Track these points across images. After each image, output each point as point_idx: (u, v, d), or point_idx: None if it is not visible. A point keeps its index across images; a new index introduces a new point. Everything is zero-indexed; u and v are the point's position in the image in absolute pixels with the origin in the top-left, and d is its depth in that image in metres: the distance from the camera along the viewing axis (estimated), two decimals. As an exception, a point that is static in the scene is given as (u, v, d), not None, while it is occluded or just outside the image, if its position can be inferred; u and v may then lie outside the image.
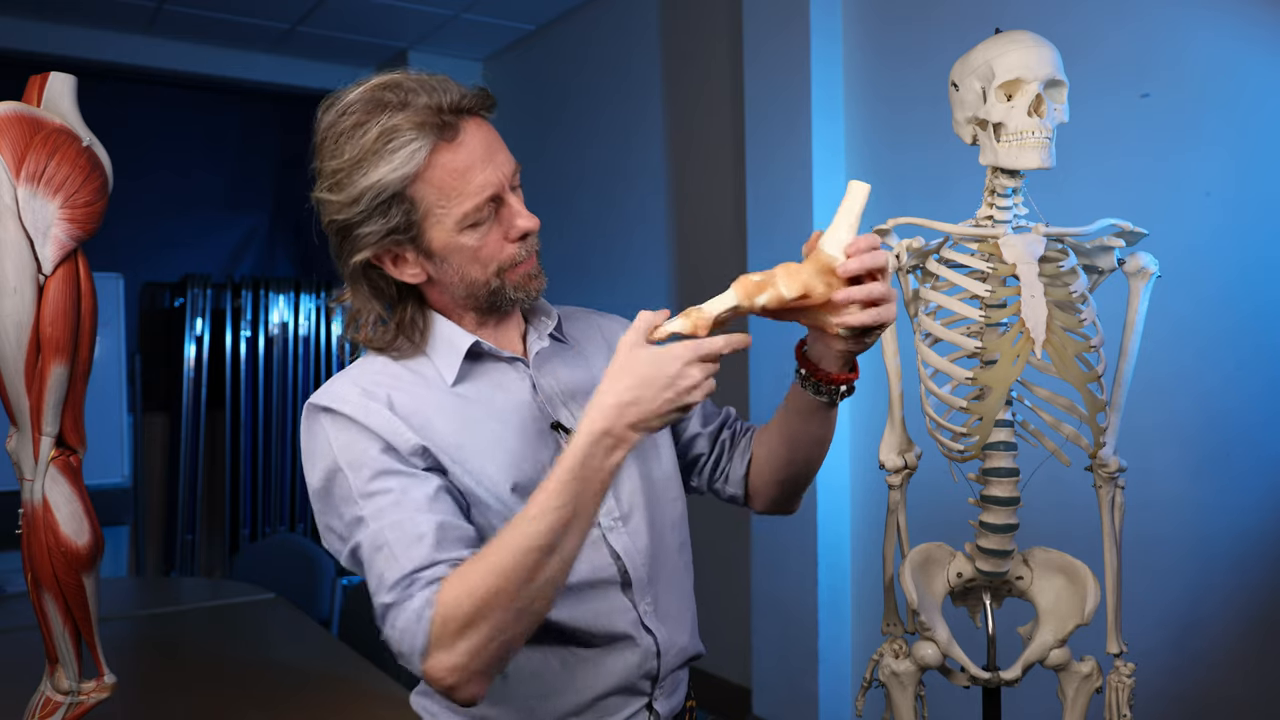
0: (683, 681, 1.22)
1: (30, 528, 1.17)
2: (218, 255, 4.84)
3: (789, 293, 0.96)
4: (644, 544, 1.13)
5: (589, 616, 1.08)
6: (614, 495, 1.12)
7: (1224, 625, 2.05)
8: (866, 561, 2.83)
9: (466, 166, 1.02)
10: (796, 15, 2.84)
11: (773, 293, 0.96)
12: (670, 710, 1.18)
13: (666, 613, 1.15)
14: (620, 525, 1.12)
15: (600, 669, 1.10)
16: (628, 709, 1.12)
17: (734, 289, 0.97)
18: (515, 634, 0.92)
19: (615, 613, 1.10)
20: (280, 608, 2.45)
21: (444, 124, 1.01)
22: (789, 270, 0.98)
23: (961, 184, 2.36)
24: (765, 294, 0.96)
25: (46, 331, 1.14)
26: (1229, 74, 2.03)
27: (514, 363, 1.13)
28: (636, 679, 1.12)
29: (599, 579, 1.09)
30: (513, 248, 1.06)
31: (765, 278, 0.97)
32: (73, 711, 1.23)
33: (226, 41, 4.56)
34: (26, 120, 1.12)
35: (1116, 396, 1.47)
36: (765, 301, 0.96)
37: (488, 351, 1.11)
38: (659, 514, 1.16)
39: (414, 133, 1.00)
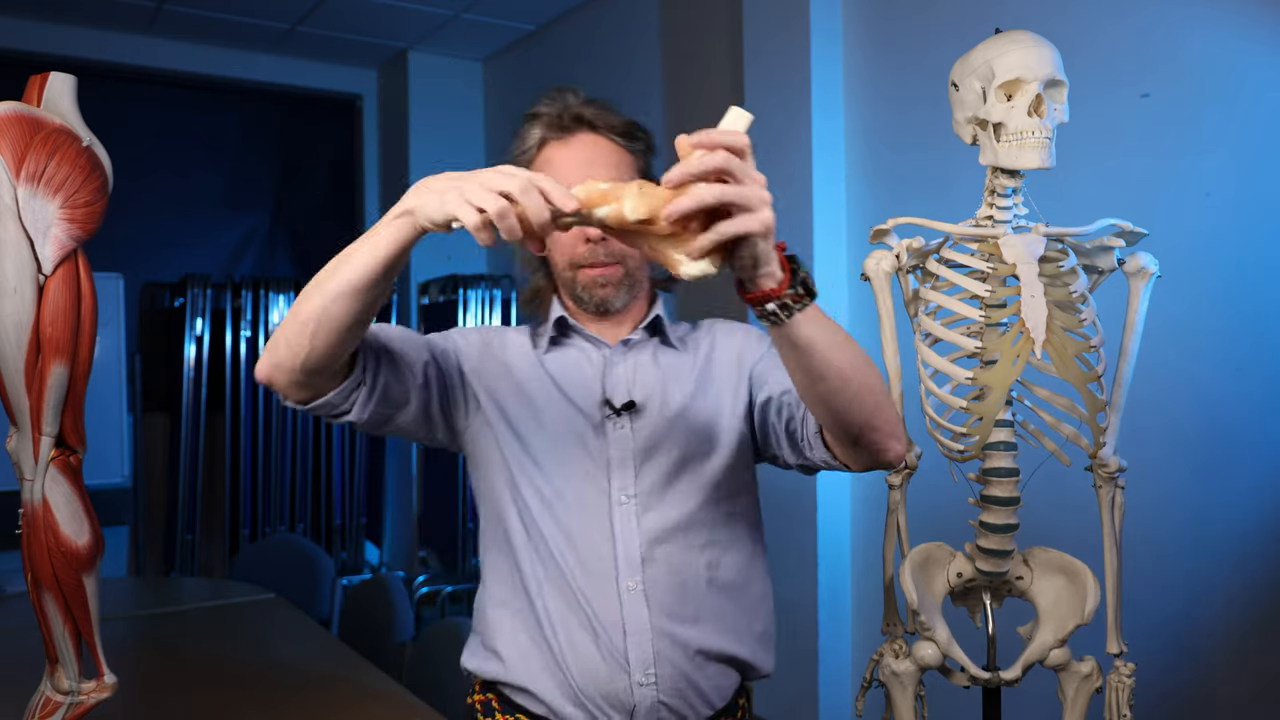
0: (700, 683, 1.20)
1: (30, 528, 1.17)
2: (218, 255, 4.83)
3: (632, 214, 0.83)
4: (652, 526, 1.19)
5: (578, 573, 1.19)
6: (634, 474, 1.20)
7: (1224, 625, 2.05)
8: (866, 561, 2.83)
9: (559, 165, 1.21)
10: (796, 15, 2.84)
11: (615, 209, 0.84)
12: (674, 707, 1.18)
13: (664, 599, 1.18)
14: (631, 502, 1.19)
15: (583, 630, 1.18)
16: (609, 684, 1.17)
17: (575, 190, 0.86)
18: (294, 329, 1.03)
19: (599, 580, 1.18)
20: (280, 608, 2.45)
21: (562, 126, 1.23)
22: (643, 190, 0.84)
23: (961, 184, 2.36)
24: (608, 207, 0.84)
25: (46, 331, 1.14)
26: (1229, 73, 2.03)
27: (599, 344, 1.27)
28: (613, 653, 1.16)
29: (590, 544, 1.19)
30: (584, 248, 1.22)
31: (613, 189, 0.85)
32: (73, 711, 1.23)
33: (226, 41, 4.56)
34: (26, 120, 1.12)
35: (1116, 396, 1.47)
36: (605, 215, 0.85)
37: (573, 328, 1.28)
38: (686, 504, 1.21)
39: (538, 127, 1.25)
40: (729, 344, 1.29)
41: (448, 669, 1.95)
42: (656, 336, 1.29)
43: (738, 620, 1.24)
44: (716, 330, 1.33)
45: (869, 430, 1.02)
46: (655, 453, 1.21)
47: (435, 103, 4.76)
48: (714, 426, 1.24)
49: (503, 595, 1.24)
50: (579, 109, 1.24)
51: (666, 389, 1.24)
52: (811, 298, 0.92)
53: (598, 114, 1.24)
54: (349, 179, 5.22)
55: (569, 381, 1.24)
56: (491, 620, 1.25)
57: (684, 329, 1.32)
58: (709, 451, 1.23)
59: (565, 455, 1.21)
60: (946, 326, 1.45)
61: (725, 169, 0.81)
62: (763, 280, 0.87)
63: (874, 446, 1.04)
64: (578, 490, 1.20)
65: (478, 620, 1.28)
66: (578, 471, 1.20)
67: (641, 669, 1.17)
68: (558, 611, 1.19)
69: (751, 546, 1.29)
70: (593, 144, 1.23)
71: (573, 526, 1.19)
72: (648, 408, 1.22)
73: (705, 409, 1.24)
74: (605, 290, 1.24)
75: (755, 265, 0.86)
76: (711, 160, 0.80)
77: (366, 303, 0.99)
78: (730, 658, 1.24)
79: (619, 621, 1.17)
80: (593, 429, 1.21)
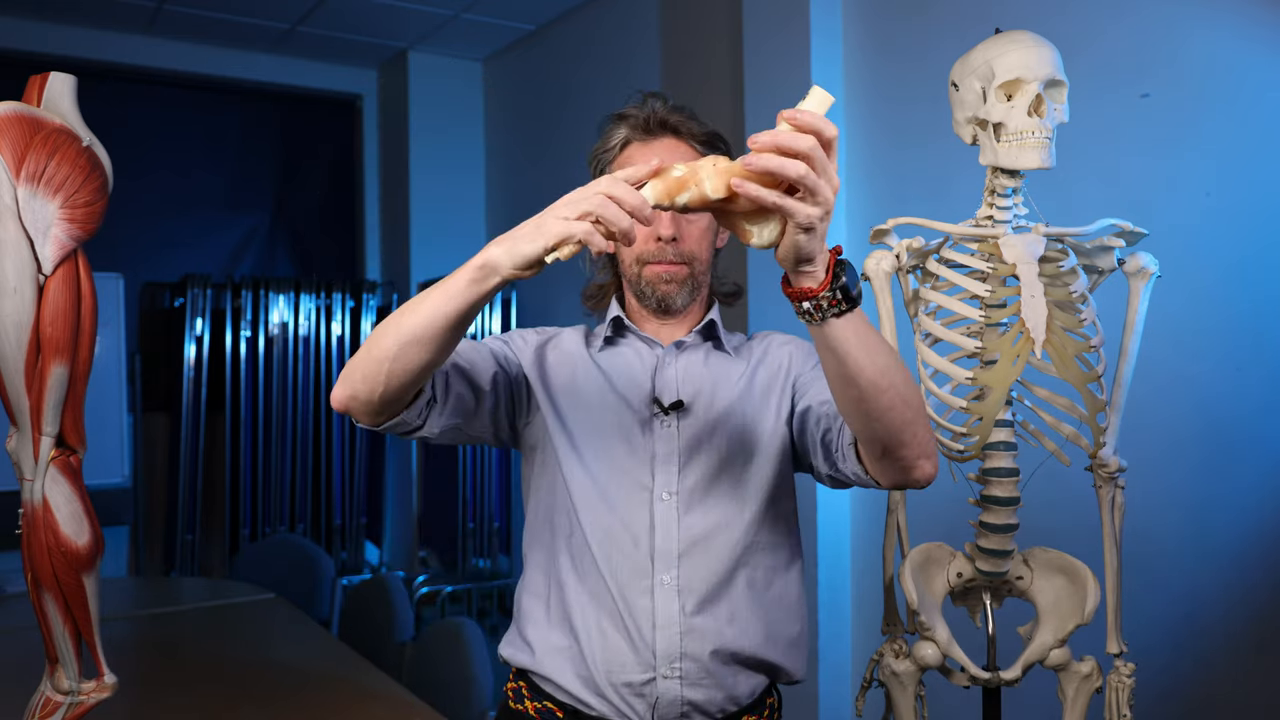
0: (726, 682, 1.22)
1: (30, 528, 1.17)
2: (218, 255, 4.83)
3: (713, 193, 0.85)
4: (693, 525, 1.22)
5: (613, 564, 1.22)
6: (678, 472, 1.23)
7: (1224, 625, 2.05)
8: (866, 561, 2.83)
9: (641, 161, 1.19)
10: (796, 15, 2.84)
11: (695, 191, 0.86)
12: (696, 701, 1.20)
13: (698, 597, 1.21)
14: (673, 499, 1.22)
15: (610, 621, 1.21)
16: (634, 674, 1.20)
17: (651, 187, 0.87)
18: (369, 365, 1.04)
19: (633, 573, 1.21)
20: (280, 608, 2.44)
21: (648, 129, 1.29)
22: (718, 167, 0.86)
23: (961, 184, 2.36)
24: (687, 193, 0.86)
25: (46, 331, 1.14)
26: (1229, 73, 2.03)
27: (652, 345, 1.30)
28: (640, 644, 1.19)
29: (629, 536, 1.22)
30: (654, 245, 1.26)
31: (689, 173, 0.86)
32: (73, 711, 1.23)
33: (226, 41, 4.56)
34: (26, 120, 1.12)
35: (1116, 396, 1.47)
36: (688, 200, 0.86)
37: (629, 327, 1.32)
38: (725, 506, 1.24)
39: (625, 128, 1.30)
40: (779, 353, 1.33)
41: (448, 669, 1.95)
42: (710, 341, 1.33)
43: (770, 624, 1.26)
44: (770, 341, 1.36)
45: (899, 445, 1.03)
46: (699, 452, 1.24)
47: (435, 103, 4.76)
48: (757, 431, 1.26)
49: (538, 586, 1.29)
50: (665, 115, 1.29)
51: (715, 391, 1.27)
52: (851, 305, 0.93)
53: (682, 121, 1.29)
54: (349, 179, 5.22)
55: (621, 378, 1.28)
56: (525, 609, 1.30)
57: (739, 339, 1.37)
58: (751, 455, 1.26)
59: (611, 450, 1.24)
60: (946, 326, 1.45)
61: (810, 156, 0.82)
62: (803, 278, 0.91)
63: (903, 463, 1.05)
64: (621, 484, 1.23)
65: (515, 610, 1.34)
66: (622, 466, 1.24)
67: (667, 662, 1.19)
68: (589, 602, 1.22)
69: (789, 552, 1.31)
70: (674, 148, 1.27)
71: (613, 519, 1.22)
72: (694, 408, 1.26)
73: (749, 413, 1.27)
74: (669, 287, 1.27)
75: (799, 260, 0.89)
76: (802, 141, 0.82)
77: (439, 349, 1.02)
78: (760, 660, 1.25)
79: (649, 613, 1.20)
80: (640, 425, 1.25)
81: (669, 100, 1.31)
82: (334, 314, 4.66)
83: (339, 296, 4.68)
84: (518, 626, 1.31)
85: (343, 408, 1.07)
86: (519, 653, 1.29)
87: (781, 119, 0.83)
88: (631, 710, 1.20)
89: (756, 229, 0.88)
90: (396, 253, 4.96)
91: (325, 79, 4.96)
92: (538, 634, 1.26)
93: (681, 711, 1.20)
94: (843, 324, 0.93)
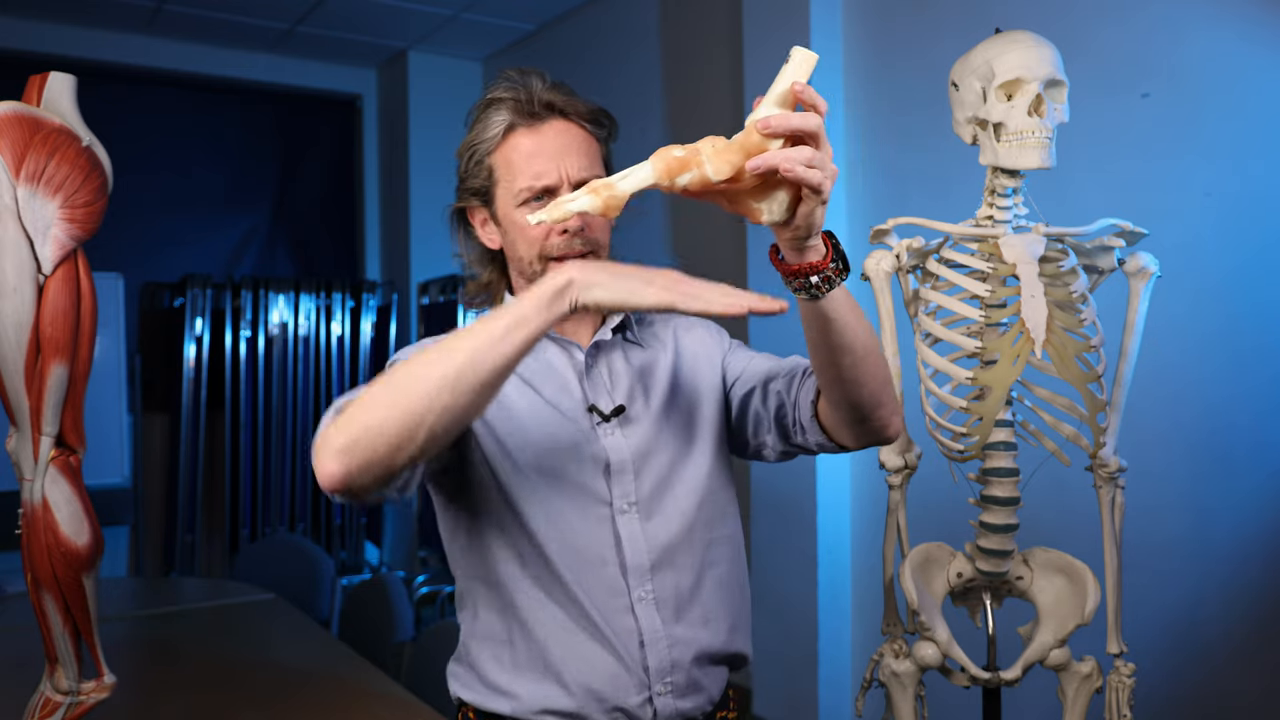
0: (706, 684, 1.19)
1: (30, 528, 1.17)
2: (218, 255, 4.84)
3: (716, 175, 0.84)
4: (657, 533, 1.16)
5: (585, 586, 1.13)
6: (634, 480, 1.16)
7: (1224, 625, 2.05)
8: (866, 561, 2.83)
9: (533, 153, 1.14)
10: (796, 15, 2.84)
11: (697, 174, 0.84)
12: (685, 711, 1.17)
13: (674, 605, 1.16)
14: (633, 510, 1.16)
15: (597, 646, 1.13)
16: (630, 697, 1.13)
17: (652, 164, 0.85)
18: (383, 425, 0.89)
19: (608, 592, 1.14)
20: (280, 608, 2.44)
21: (532, 113, 1.15)
22: (717, 148, 0.84)
23: (961, 184, 2.36)
24: (689, 174, 0.84)
25: (46, 331, 1.14)
26: (1229, 74, 2.03)
27: (568, 347, 1.20)
28: (631, 665, 1.13)
29: (596, 555, 1.14)
30: (557, 239, 1.14)
31: (690, 154, 0.84)
32: (73, 711, 1.23)
33: (226, 41, 4.56)
34: (26, 120, 1.11)
35: (1116, 396, 1.47)
36: (688, 182, 0.84)
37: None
38: (683, 507, 1.18)
39: (505, 111, 1.16)
40: (690, 339, 1.27)
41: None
42: (620, 334, 1.24)
43: (735, 614, 1.23)
44: (676, 325, 1.29)
45: (877, 406, 1.05)
46: (650, 456, 1.18)
47: (435, 103, 4.76)
48: (696, 424, 1.22)
49: (493, 630, 1.18)
50: (548, 95, 1.16)
51: (648, 390, 1.21)
52: (848, 272, 0.94)
53: (567, 100, 1.18)
54: (349, 179, 5.22)
55: (548, 388, 1.18)
56: (480, 656, 1.19)
57: (642, 324, 1.27)
58: (696, 450, 1.21)
59: (560, 467, 1.15)
60: (946, 326, 1.45)
61: (816, 134, 0.83)
62: (809, 253, 0.91)
63: (880, 422, 1.07)
64: (576, 501, 1.15)
65: (465, 653, 1.22)
66: (574, 482, 1.15)
67: (660, 678, 1.15)
68: (565, 633, 1.14)
69: (739, 539, 1.27)
70: (565, 131, 1.16)
71: (578, 541, 1.14)
72: (632, 410, 1.19)
73: (685, 408, 1.22)
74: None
75: (808, 234, 0.89)
76: (810, 121, 0.83)
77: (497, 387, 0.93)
78: (729, 654, 1.23)
79: (635, 632, 1.14)
80: (583, 437, 1.16)
81: (546, 77, 1.19)
82: (334, 314, 4.66)
83: (339, 296, 4.68)
84: (477, 672, 1.19)
85: (342, 485, 0.89)
86: (492, 700, 1.18)
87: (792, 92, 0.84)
88: None
89: (766, 205, 0.87)
90: (396, 253, 4.96)
91: (325, 79, 4.96)
92: (507, 678, 1.16)
93: None
94: (840, 293, 0.94)
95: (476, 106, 1.19)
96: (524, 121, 1.15)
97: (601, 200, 0.85)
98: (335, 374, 4.66)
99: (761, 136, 0.83)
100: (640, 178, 0.85)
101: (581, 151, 1.16)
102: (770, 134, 0.83)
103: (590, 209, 0.85)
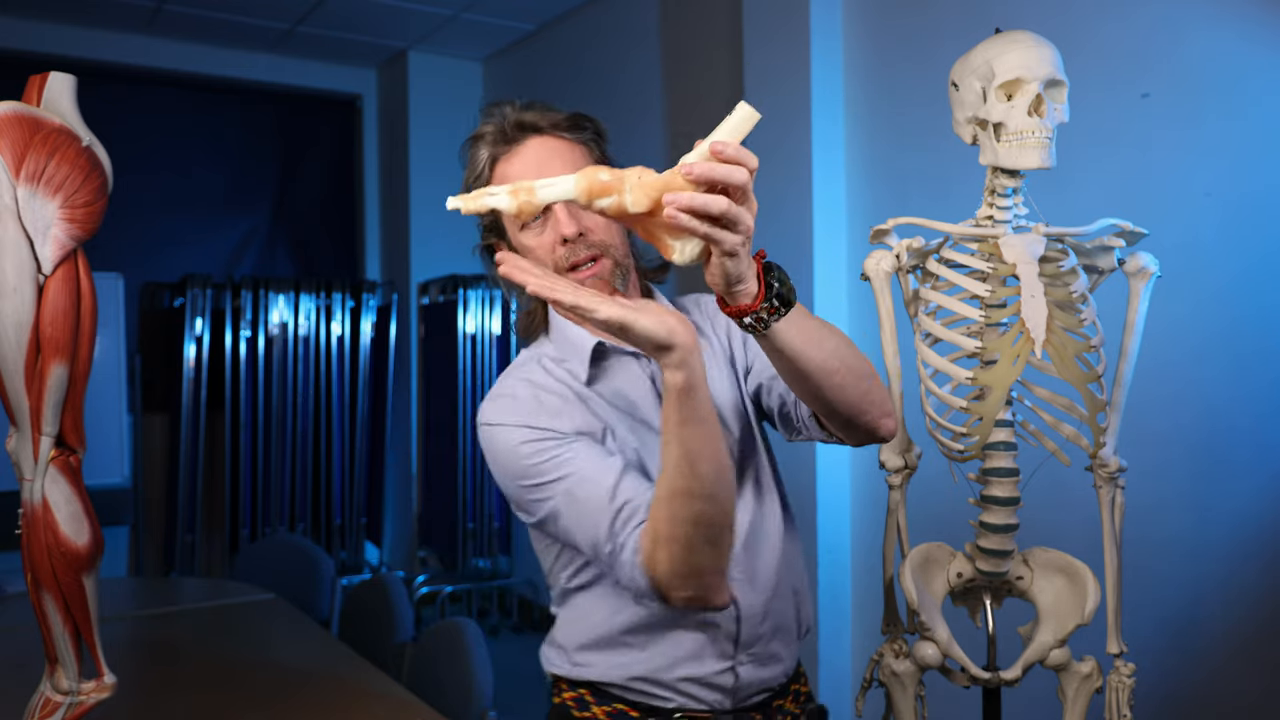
0: (783, 658, 1.26)
1: (30, 528, 1.17)
2: (218, 255, 4.84)
3: (633, 206, 0.85)
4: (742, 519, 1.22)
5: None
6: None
7: (1224, 625, 2.05)
8: (866, 561, 2.83)
9: (518, 175, 1.17)
10: (796, 14, 2.84)
11: (616, 200, 0.85)
12: (763, 681, 1.24)
13: (761, 581, 1.22)
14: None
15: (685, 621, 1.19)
16: (712, 666, 1.20)
17: (576, 180, 0.85)
18: (698, 538, 1.01)
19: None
20: (280, 608, 2.44)
21: (506, 139, 1.20)
22: (642, 179, 0.86)
23: (961, 184, 2.36)
24: (609, 199, 0.85)
25: (46, 331, 1.14)
26: (1229, 73, 2.03)
27: (637, 357, 1.24)
28: (719, 637, 1.20)
29: None
30: (562, 249, 1.17)
31: (615, 180, 0.85)
32: (73, 711, 1.23)
33: (226, 41, 4.56)
34: (26, 120, 1.11)
35: (1116, 396, 1.47)
36: (605, 206, 0.86)
37: (611, 349, 1.24)
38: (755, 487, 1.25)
39: (485, 146, 1.21)
40: (718, 324, 1.33)
41: (448, 669, 1.94)
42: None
43: (799, 590, 1.30)
44: (705, 306, 1.35)
45: (859, 414, 1.09)
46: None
47: (435, 103, 4.77)
48: (743, 405, 1.28)
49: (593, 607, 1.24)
50: (519, 116, 1.21)
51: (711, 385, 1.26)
52: (788, 308, 0.96)
53: (540, 115, 1.21)
54: (349, 179, 5.22)
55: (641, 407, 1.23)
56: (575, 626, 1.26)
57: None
58: (749, 429, 1.27)
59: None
60: (946, 326, 1.45)
61: (742, 187, 0.84)
62: (738, 296, 0.92)
63: (867, 427, 1.11)
64: None
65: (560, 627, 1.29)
66: None
67: (746, 649, 1.22)
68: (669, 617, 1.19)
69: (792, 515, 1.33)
70: (541, 146, 1.20)
71: None
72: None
73: (733, 392, 1.28)
74: (600, 286, 1.19)
75: (729, 282, 0.90)
76: (736, 175, 0.84)
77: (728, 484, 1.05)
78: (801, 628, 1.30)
79: (731, 613, 1.20)
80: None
81: (518, 102, 1.23)
82: (334, 314, 4.66)
83: (339, 296, 4.68)
84: (566, 645, 1.27)
85: (695, 603, 1.06)
86: (578, 669, 1.26)
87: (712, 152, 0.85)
88: (710, 700, 1.22)
89: (679, 245, 0.88)
90: (396, 253, 4.96)
91: (325, 79, 4.96)
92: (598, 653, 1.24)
93: (755, 691, 1.24)
94: (784, 326, 0.96)
95: (463, 147, 1.24)
96: (503, 150, 1.20)
97: (517, 202, 0.85)
98: (335, 374, 4.66)
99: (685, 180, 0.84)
100: (560, 190, 0.85)
101: (564, 160, 1.19)
102: (693, 180, 0.84)
103: (505, 208, 0.86)
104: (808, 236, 2.79)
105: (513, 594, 4.60)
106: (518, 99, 1.23)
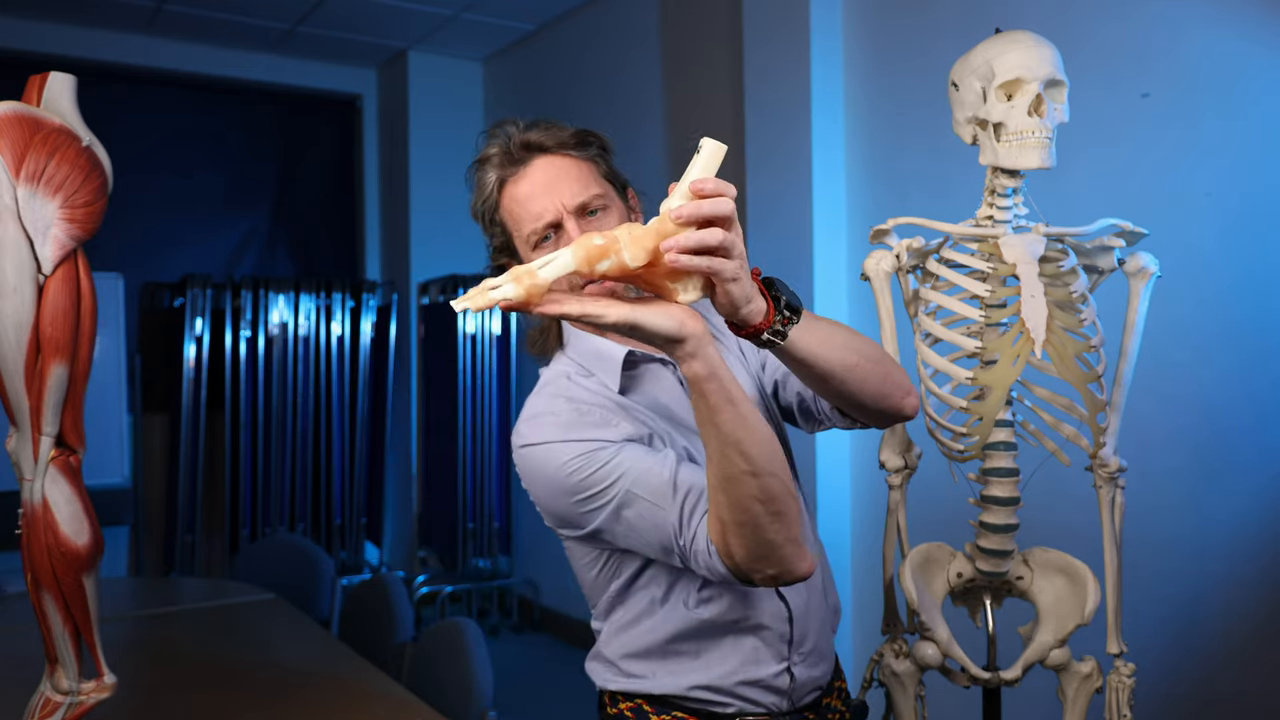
0: (826, 654, 1.28)
1: (30, 528, 1.17)
2: (218, 255, 4.84)
3: (633, 261, 0.87)
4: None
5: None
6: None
7: (1224, 625, 2.05)
8: (866, 561, 2.83)
9: (527, 196, 1.18)
10: (796, 14, 2.84)
11: (615, 260, 0.87)
12: (814, 680, 1.25)
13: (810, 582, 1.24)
14: None
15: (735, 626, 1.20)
16: (770, 669, 1.21)
17: (573, 251, 0.87)
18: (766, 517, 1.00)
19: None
20: (280, 608, 2.44)
21: (513, 160, 1.19)
22: (633, 234, 0.87)
23: (961, 184, 2.36)
24: (608, 261, 0.87)
25: (46, 331, 1.14)
26: (1228, 73, 2.03)
27: (665, 363, 1.24)
28: (773, 639, 1.21)
29: None
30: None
31: (609, 242, 0.87)
32: (73, 711, 1.23)
33: (226, 41, 4.56)
34: (26, 120, 1.11)
35: (1116, 396, 1.47)
36: (607, 269, 0.87)
37: (641, 357, 1.23)
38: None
39: (492, 169, 1.20)
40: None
41: (448, 669, 1.94)
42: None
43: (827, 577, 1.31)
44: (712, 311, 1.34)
45: (882, 399, 1.11)
46: None
47: (435, 103, 4.76)
48: (764, 403, 1.28)
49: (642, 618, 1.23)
50: (524, 136, 1.20)
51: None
52: (798, 315, 0.98)
53: (545, 134, 1.20)
54: (349, 179, 5.22)
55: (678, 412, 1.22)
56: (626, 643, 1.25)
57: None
58: (778, 428, 1.27)
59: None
60: (946, 326, 1.45)
61: (728, 218, 0.87)
62: (749, 316, 0.94)
63: (891, 410, 1.13)
64: None
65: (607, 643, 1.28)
66: None
67: (799, 650, 1.23)
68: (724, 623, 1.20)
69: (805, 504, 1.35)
70: (550, 164, 1.19)
71: None
72: None
73: (753, 390, 1.29)
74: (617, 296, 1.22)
75: (735, 306, 0.92)
76: (722, 207, 0.86)
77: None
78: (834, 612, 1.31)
79: (783, 614, 1.21)
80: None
81: (521, 121, 1.22)
82: (334, 314, 4.66)
83: (339, 296, 4.68)
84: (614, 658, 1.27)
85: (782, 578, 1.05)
86: (632, 681, 1.25)
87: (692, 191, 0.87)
88: (768, 702, 1.23)
89: (681, 287, 0.91)
90: (396, 253, 4.96)
91: (325, 79, 4.96)
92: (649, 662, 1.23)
93: (808, 691, 1.25)
94: (800, 333, 0.98)
95: (470, 170, 1.23)
96: (511, 171, 1.19)
97: (524, 289, 0.85)
98: (335, 374, 4.66)
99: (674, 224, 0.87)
100: (561, 264, 0.86)
101: (572, 178, 1.19)
102: (684, 223, 0.86)
103: (514, 297, 0.85)
104: (808, 236, 2.79)
105: (513, 594, 4.60)
106: (521, 116, 1.23)
